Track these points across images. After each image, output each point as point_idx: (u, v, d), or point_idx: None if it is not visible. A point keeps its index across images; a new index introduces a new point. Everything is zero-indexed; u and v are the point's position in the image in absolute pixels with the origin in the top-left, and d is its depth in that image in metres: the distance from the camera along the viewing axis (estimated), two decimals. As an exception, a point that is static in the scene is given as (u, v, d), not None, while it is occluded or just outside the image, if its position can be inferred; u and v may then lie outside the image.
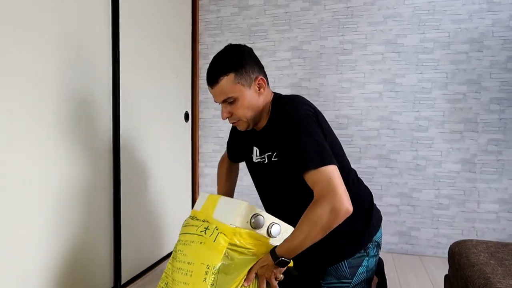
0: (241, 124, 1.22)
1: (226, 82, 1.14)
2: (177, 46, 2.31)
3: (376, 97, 2.31)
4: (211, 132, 2.62)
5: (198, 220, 1.14)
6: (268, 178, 1.28)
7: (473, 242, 1.27)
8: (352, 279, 1.22)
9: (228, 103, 1.17)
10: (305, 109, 1.15)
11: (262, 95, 1.20)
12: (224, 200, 1.15)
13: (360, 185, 1.30)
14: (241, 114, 1.18)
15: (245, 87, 1.15)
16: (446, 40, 2.21)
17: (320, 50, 2.40)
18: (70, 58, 1.44)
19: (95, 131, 1.59)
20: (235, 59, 1.16)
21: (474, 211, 2.19)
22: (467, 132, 2.20)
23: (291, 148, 1.11)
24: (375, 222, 1.32)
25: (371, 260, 1.27)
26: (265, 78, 1.20)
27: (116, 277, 1.74)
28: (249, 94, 1.16)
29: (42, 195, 1.33)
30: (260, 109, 1.21)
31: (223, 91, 1.15)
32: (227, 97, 1.16)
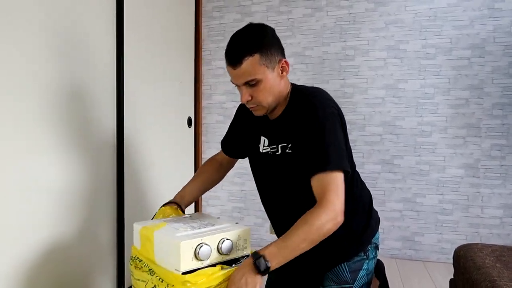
0: (260, 109, 1.15)
1: (251, 63, 1.06)
2: (180, 52, 2.33)
3: (379, 102, 2.32)
4: (214, 137, 2.63)
5: (143, 263, 1.05)
6: (277, 171, 1.22)
7: (478, 245, 1.27)
8: (354, 284, 1.21)
9: (249, 85, 1.09)
10: (331, 106, 1.12)
11: (283, 79, 1.14)
12: (159, 236, 1.03)
13: (363, 186, 1.29)
14: (262, 98, 1.10)
15: (269, 69, 1.08)
16: (448, 46, 2.22)
17: (323, 56, 2.41)
18: (75, 61, 1.45)
19: (99, 133, 1.60)
20: (261, 39, 1.08)
21: (478, 216, 2.19)
22: (470, 137, 2.20)
23: (313, 143, 1.07)
24: (374, 224, 1.31)
25: (371, 263, 1.26)
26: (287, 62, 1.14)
27: (119, 281, 1.73)
28: (272, 77, 1.09)
29: (44, 195, 1.33)
30: (280, 95, 1.14)
31: (247, 73, 1.07)
32: (250, 79, 1.08)
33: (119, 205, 1.71)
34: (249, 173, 1.55)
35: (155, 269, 1.01)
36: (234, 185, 2.58)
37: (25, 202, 1.25)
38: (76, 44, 1.46)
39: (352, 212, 1.17)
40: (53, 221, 1.37)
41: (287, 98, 1.18)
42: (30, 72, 1.25)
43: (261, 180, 1.32)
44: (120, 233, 1.71)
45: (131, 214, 1.79)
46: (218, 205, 2.62)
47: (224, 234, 1.04)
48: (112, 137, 1.68)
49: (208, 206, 2.63)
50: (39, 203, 1.30)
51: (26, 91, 1.24)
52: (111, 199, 1.67)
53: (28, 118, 1.25)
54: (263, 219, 2.53)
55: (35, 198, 1.28)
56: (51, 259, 1.36)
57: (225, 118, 2.59)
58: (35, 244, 1.29)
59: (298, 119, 1.13)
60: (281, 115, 1.20)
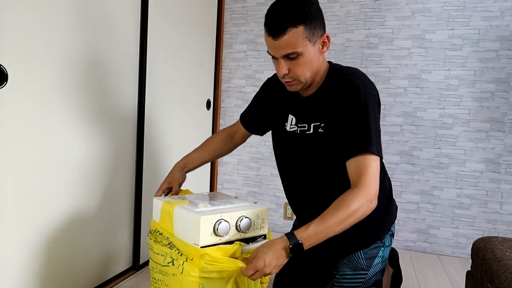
0: (296, 84, 1.10)
1: (295, 34, 1.00)
2: (202, 34, 2.32)
3: (400, 92, 2.28)
4: (232, 121, 2.63)
5: (163, 237, 1.07)
6: (305, 151, 1.18)
7: (498, 239, 1.25)
8: (369, 271, 1.21)
9: (288, 58, 1.04)
10: (373, 90, 1.09)
11: (322, 55, 1.09)
12: (179, 211, 1.05)
13: (385, 173, 1.27)
14: (301, 72, 1.06)
15: (311, 43, 1.03)
16: (475, 37, 2.16)
17: (346, 43, 2.38)
18: (99, 35, 1.46)
19: (121, 108, 1.61)
20: (306, 9, 1.01)
21: (496, 212, 2.15)
22: (493, 131, 2.15)
23: (353, 123, 1.04)
24: (394, 211, 1.31)
25: (386, 250, 1.26)
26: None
27: (134, 257, 1.76)
28: (312, 52, 1.05)
29: (65, 168, 1.36)
30: (317, 71, 1.10)
31: (289, 45, 1.01)
32: (291, 52, 1.02)
33: (138, 180, 1.73)
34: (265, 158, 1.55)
35: (174, 241, 1.03)
36: (250, 169, 2.59)
37: (46, 175, 1.27)
38: (101, 18, 1.47)
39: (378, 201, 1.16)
40: (73, 195, 1.39)
41: (323, 76, 1.15)
42: (53, 41, 1.27)
43: (285, 160, 1.29)
44: (138, 208, 1.74)
45: (149, 190, 1.81)
46: (233, 188, 2.64)
47: (243, 212, 1.05)
48: (133, 113, 1.69)
49: (223, 189, 2.65)
50: (59, 176, 1.33)
51: (49, 60, 1.26)
52: (130, 175, 1.70)
53: (50, 88, 1.27)
54: (277, 204, 2.54)
55: (55, 171, 1.31)
56: (70, 232, 1.39)
57: (243, 103, 2.59)
58: (55, 217, 1.32)
59: (337, 98, 1.09)
60: (315, 93, 1.16)
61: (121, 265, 1.70)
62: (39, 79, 1.21)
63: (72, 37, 1.33)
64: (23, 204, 1.18)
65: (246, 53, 2.58)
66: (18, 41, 1.12)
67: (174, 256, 1.01)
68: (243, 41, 2.58)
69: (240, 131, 1.45)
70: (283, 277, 1.45)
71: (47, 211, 1.28)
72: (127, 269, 1.74)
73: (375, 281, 1.22)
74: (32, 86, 1.18)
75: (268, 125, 1.36)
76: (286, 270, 1.43)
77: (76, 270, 1.43)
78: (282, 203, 2.53)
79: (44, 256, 1.28)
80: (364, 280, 1.20)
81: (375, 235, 1.23)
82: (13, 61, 1.11)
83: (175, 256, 1.00)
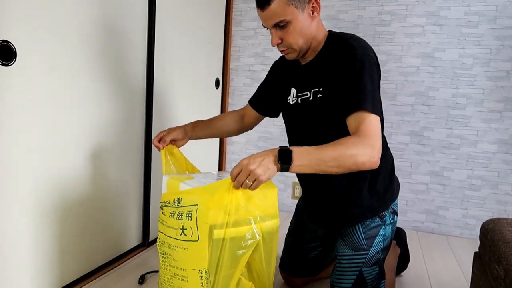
0: (291, 52, 1.14)
1: (279, 3, 1.05)
2: (210, 11, 2.28)
3: (413, 71, 2.24)
4: (240, 100, 2.62)
5: (171, 204, 1.07)
6: (308, 120, 1.20)
7: (508, 220, 1.23)
8: (369, 250, 1.21)
9: (279, 27, 1.09)
10: (371, 51, 1.09)
11: (315, 20, 1.11)
12: (184, 186, 1.08)
13: (387, 148, 1.27)
14: (292, 40, 1.10)
15: (299, 9, 1.07)
16: (493, 13, 2.09)
17: (357, 20, 2.32)
18: (109, 8, 1.45)
19: (130, 83, 1.61)
20: None
21: (507, 193, 2.13)
22: (508, 112, 2.10)
23: (350, 81, 1.04)
24: (395, 188, 1.29)
25: (388, 228, 1.25)
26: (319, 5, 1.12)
27: (144, 233, 1.80)
28: (302, 18, 1.08)
29: (77, 144, 1.37)
30: (311, 37, 1.12)
31: (275, 14, 1.06)
32: (279, 20, 1.07)
33: (146, 158, 1.74)
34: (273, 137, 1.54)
35: (182, 196, 1.04)
36: (258, 149, 2.58)
37: (58, 151, 1.29)
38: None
39: (377, 171, 1.16)
40: (84, 171, 1.41)
41: (321, 42, 1.15)
42: (62, 14, 1.25)
43: (292, 134, 1.31)
44: (147, 185, 1.76)
45: (157, 167, 1.82)
46: (241, 168, 2.64)
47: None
48: (142, 94, 1.69)
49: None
50: (71, 152, 1.34)
51: (58, 35, 1.25)
52: (139, 152, 1.71)
53: (60, 65, 1.27)
54: (285, 184, 2.54)
55: (66, 147, 1.32)
56: (82, 208, 1.41)
57: (253, 81, 2.56)
58: (68, 193, 1.34)
59: (334, 62, 1.09)
60: (314, 59, 1.17)
61: (132, 242, 1.73)
62: (48, 54, 1.20)
63: (81, 11, 1.31)
64: (31, 182, 1.20)
65: (255, 31, 2.53)
66: (25, 15, 1.11)
67: (185, 227, 1.01)
68: (253, 18, 2.53)
69: (249, 113, 1.46)
70: (288, 258, 1.47)
71: (57, 188, 1.30)
72: (137, 246, 1.77)
73: (376, 260, 1.22)
74: (41, 63, 1.18)
75: (276, 103, 1.37)
76: (290, 252, 1.46)
77: (87, 246, 1.46)
78: (290, 182, 2.53)
79: (57, 232, 1.30)
80: (365, 260, 1.20)
81: (373, 210, 1.22)
82: (22, 37, 1.10)
83: (187, 225, 1.01)
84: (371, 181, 1.19)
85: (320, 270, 1.49)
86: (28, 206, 1.19)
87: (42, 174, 1.23)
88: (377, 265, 1.22)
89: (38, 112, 1.19)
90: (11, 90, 1.09)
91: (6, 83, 1.08)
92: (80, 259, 1.43)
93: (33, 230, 1.22)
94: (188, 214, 1.00)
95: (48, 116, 1.23)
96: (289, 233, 1.51)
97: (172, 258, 1.06)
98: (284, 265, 1.49)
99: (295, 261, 1.46)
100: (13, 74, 1.09)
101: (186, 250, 1.01)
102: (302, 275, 1.46)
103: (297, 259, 1.45)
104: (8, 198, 1.12)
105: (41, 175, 1.23)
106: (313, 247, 1.43)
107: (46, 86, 1.21)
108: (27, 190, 1.18)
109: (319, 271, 1.49)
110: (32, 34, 1.14)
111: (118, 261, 1.63)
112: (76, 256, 1.41)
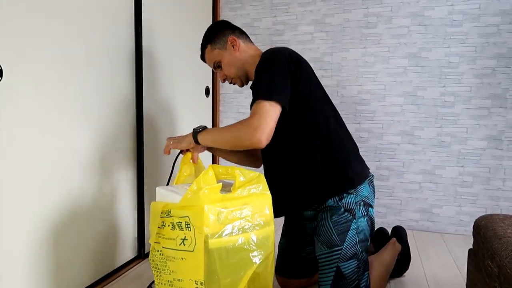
0: (236, 81, 1.44)
1: (207, 52, 1.43)
2: (197, 19, 2.29)
3: (400, 72, 2.26)
4: (231, 107, 2.62)
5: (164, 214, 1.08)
6: None
7: (500, 216, 1.25)
8: (343, 245, 1.24)
9: (218, 67, 1.43)
10: (279, 52, 1.25)
11: (238, 51, 1.39)
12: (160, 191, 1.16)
13: (340, 135, 1.33)
14: (228, 72, 1.41)
15: (222, 50, 1.40)
16: (476, 12, 2.12)
17: (344, 23, 2.34)
18: (93, 22, 1.45)
19: (118, 97, 1.61)
20: (207, 34, 1.43)
21: (499, 189, 2.15)
22: (495, 108, 2.13)
23: (253, 84, 1.27)
24: (353, 176, 1.30)
25: (361, 221, 1.28)
26: (238, 37, 1.40)
27: (140, 245, 1.78)
28: (227, 54, 1.39)
29: (65, 161, 1.36)
30: (241, 63, 1.40)
31: (209, 60, 1.44)
32: (213, 62, 1.43)
33: (139, 168, 1.74)
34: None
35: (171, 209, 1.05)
36: (251, 155, 2.59)
37: (47, 168, 1.28)
38: (95, 7, 1.45)
39: (319, 154, 1.28)
40: (75, 186, 1.40)
41: (256, 62, 1.35)
42: (47, 33, 1.25)
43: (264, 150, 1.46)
44: (140, 197, 1.75)
45: (150, 177, 1.82)
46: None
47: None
48: (132, 104, 1.69)
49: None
50: (61, 168, 1.33)
51: (44, 53, 1.24)
52: (131, 164, 1.70)
53: (47, 81, 1.26)
54: (280, 189, 2.54)
55: (56, 163, 1.31)
56: (74, 223, 1.40)
57: (243, 88, 2.57)
58: (59, 208, 1.33)
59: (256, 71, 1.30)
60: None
61: (127, 254, 1.72)
62: (35, 72, 1.20)
63: (66, 29, 1.31)
64: (24, 198, 1.19)
65: (243, 38, 2.54)
66: (12, 35, 1.11)
67: (186, 236, 1.01)
68: (239, 25, 2.54)
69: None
70: (283, 260, 1.49)
71: (50, 203, 1.29)
72: (133, 258, 1.76)
73: (353, 253, 1.24)
74: (28, 80, 1.17)
75: None
76: (284, 253, 1.48)
77: (83, 260, 1.44)
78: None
79: (50, 249, 1.29)
80: (340, 255, 1.23)
81: (319, 194, 1.29)
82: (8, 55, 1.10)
83: (188, 236, 1.00)
84: (312, 162, 1.28)
85: (315, 272, 1.50)
86: (22, 221, 1.18)
87: (34, 189, 1.22)
88: (354, 259, 1.24)
89: (28, 125, 1.18)
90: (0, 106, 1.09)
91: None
92: (76, 273, 1.42)
93: (27, 246, 1.20)
94: (187, 224, 1.00)
95: (37, 130, 1.22)
96: (282, 235, 1.53)
97: (170, 270, 1.05)
98: (279, 268, 1.49)
99: (289, 262, 1.47)
100: (1, 92, 1.08)
101: (184, 260, 1.01)
102: (297, 276, 1.47)
103: (291, 259, 1.47)
104: (0, 214, 1.11)
105: (33, 189, 1.22)
106: (304, 244, 1.45)
107: (34, 101, 1.20)
108: (19, 205, 1.17)
109: (314, 272, 1.50)
110: (19, 54, 1.13)
111: (114, 274, 1.62)
112: (71, 271, 1.40)
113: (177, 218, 1.02)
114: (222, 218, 0.98)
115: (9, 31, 1.11)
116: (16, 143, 1.15)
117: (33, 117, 1.20)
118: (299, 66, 1.24)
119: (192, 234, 0.99)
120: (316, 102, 1.29)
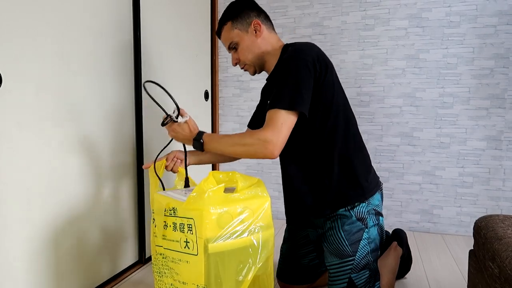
0: (248, 68, 1.36)
1: (226, 30, 1.32)
2: (196, 24, 2.30)
3: (399, 73, 2.27)
4: (231, 111, 2.63)
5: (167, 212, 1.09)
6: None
7: (500, 216, 1.25)
8: (355, 256, 1.22)
9: (233, 49, 1.34)
10: (306, 54, 1.18)
11: (260, 37, 1.30)
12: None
13: (356, 146, 1.30)
14: (243, 57, 1.32)
15: (242, 31, 1.30)
16: (473, 13, 2.13)
17: (342, 26, 2.35)
18: (91, 28, 1.45)
19: (117, 103, 1.61)
20: (230, 9, 1.32)
21: (499, 189, 2.15)
22: (494, 108, 2.14)
23: (276, 87, 1.18)
24: (367, 186, 1.28)
25: (372, 230, 1.26)
26: (263, 22, 1.31)
27: (140, 250, 1.78)
28: (247, 38, 1.30)
29: (66, 166, 1.36)
30: (260, 51, 1.31)
31: (226, 38, 1.33)
32: (229, 43, 1.33)
33: (139, 175, 1.74)
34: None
35: (177, 206, 1.05)
36: (251, 158, 2.59)
37: (47, 173, 1.28)
38: (92, 14, 1.45)
39: (336, 161, 1.24)
40: (75, 192, 1.40)
41: (277, 55, 1.31)
42: (45, 38, 1.26)
43: None
44: (141, 202, 1.75)
45: (151, 186, 1.81)
46: (235, 178, 2.64)
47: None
48: (131, 111, 1.69)
49: (226, 179, 2.66)
50: (62, 173, 1.33)
51: (42, 59, 1.25)
52: (132, 171, 1.70)
53: (45, 87, 1.26)
54: (279, 192, 2.55)
55: (57, 169, 1.31)
56: (75, 228, 1.40)
57: (242, 91, 2.58)
58: (59, 214, 1.33)
59: (279, 71, 1.23)
60: (272, 71, 1.33)
61: (128, 260, 1.72)
62: (34, 78, 1.20)
63: (65, 36, 1.32)
64: (24, 205, 1.19)
65: (241, 41, 2.55)
66: (11, 41, 1.11)
67: (188, 239, 1.01)
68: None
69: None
70: (284, 266, 1.48)
71: (50, 210, 1.29)
72: (134, 263, 1.76)
73: (365, 264, 1.22)
74: (27, 86, 1.18)
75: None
76: (286, 259, 1.47)
77: (84, 266, 1.44)
78: (285, 190, 2.53)
79: (50, 256, 1.29)
80: (353, 266, 1.21)
81: (332, 202, 1.25)
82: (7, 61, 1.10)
83: (190, 239, 1.01)
84: (324, 172, 1.25)
85: (317, 278, 1.49)
86: (22, 228, 1.18)
87: (34, 196, 1.22)
88: (366, 269, 1.22)
89: (27, 131, 1.19)
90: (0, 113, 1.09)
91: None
92: (77, 280, 1.42)
93: (27, 254, 1.20)
94: (189, 227, 1.00)
95: (36, 137, 1.22)
96: (284, 241, 1.52)
97: (173, 272, 1.05)
98: (280, 274, 1.49)
99: (291, 268, 1.46)
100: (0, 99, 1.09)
101: (188, 263, 1.01)
102: (299, 283, 1.46)
103: (292, 265, 1.45)
104: (0, 221, 1.11)
105: (33, 196, 1.22)
106: (307, 252, 1.44)
107: (33, 107, 1.20)
108: (20, 212, 1.17)
109: (316, 278, 1.49)
110: (18, 60, 1.14)
111: (115, 280, 1.61)
112: (72, 277, 1.39)
113: (181, 219, 1.02)
114: (223, 223, 0.98)
115: (8, 37, 1.11)
116: (15, 149, 1.15)
117: (32, 123, 1.21)
118: (325, 69, 1.19)
119: (194, 238, 0.99)
120: (337, 108, 1.25)
